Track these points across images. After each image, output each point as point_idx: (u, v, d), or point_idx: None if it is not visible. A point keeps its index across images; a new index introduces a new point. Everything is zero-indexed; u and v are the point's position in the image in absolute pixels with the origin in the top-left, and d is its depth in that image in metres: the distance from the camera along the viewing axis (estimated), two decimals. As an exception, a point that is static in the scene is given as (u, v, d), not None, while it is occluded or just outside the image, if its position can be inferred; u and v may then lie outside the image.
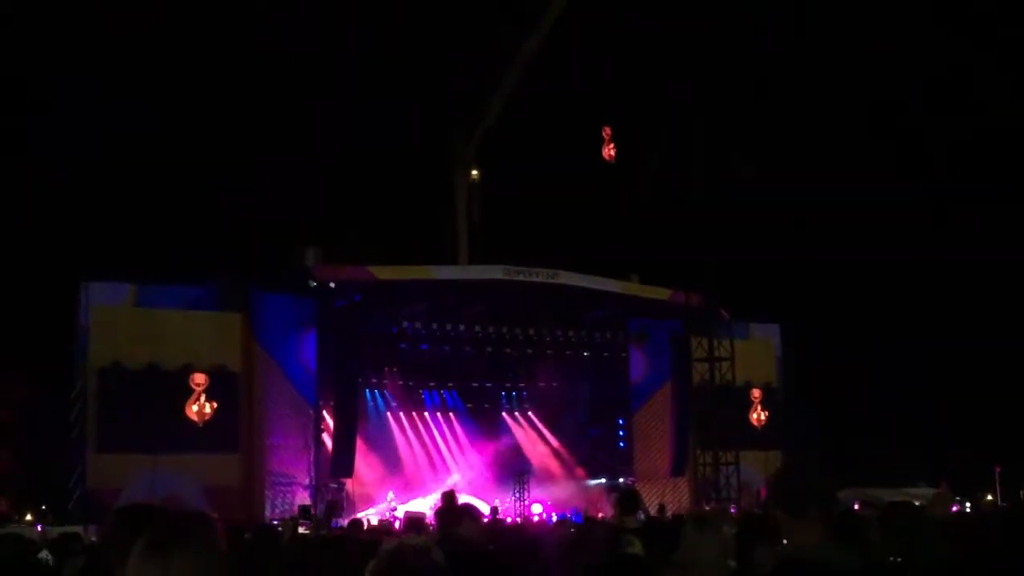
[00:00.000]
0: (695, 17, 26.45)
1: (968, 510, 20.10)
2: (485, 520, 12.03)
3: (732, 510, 25.38)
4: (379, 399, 29.93)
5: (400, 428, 30.24)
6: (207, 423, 25.03)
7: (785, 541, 3.72)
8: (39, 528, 20.18)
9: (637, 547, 6.16)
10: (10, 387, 27.60)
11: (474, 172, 30.34)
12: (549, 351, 30.24)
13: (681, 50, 26.92)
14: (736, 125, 28.47)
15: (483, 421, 31.61)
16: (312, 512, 24.10)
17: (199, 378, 25.06)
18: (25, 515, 24.80)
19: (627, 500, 8.73)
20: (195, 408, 24.92)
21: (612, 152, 27.37)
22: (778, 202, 30.78)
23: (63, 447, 24.20)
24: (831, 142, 31.53)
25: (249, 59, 26.71)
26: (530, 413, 32.44)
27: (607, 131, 27.14)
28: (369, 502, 27.61)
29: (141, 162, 27.12)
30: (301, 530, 18.54)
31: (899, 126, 31.43)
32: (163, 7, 26.02)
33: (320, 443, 26.34)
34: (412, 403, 30.71)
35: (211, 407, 25.03)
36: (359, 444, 26.99)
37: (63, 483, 23.63)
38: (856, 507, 19.73)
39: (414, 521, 9.70)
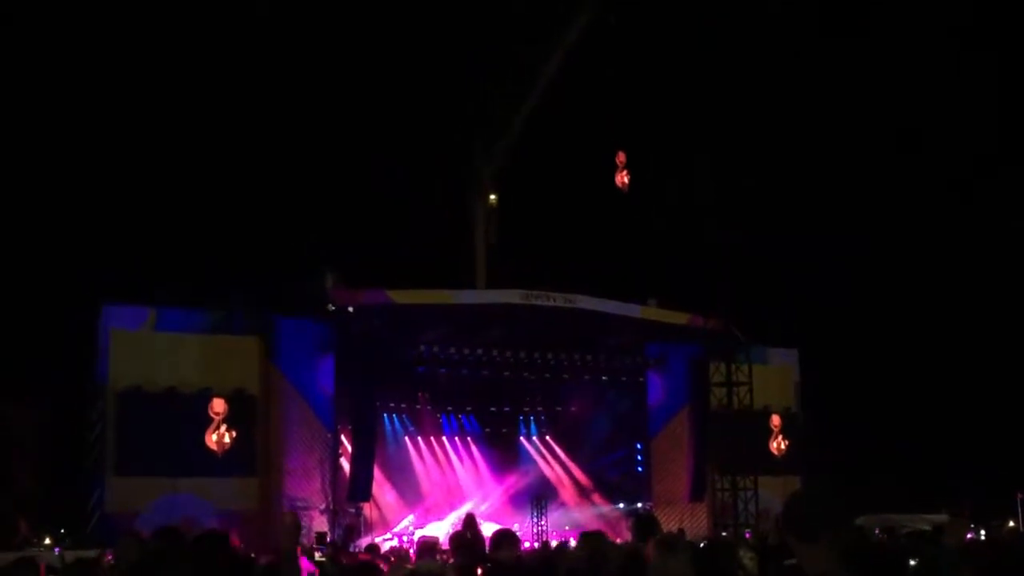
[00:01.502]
0: (716, 40, 26.55)
1: (983, 537, 19.89)
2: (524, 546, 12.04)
3: (747, 535, 25.27)
4: (397, 423, 29.98)
5: (418, 452, 30.26)
6: (228, 448, 25.10)
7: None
8: (57, 551, 20.22)
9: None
10: (30, 411, 27.71)
11: (492, 196, 30.42)
12: (567, 375, 30.17)
13: (701, 72, 26.97)
14: (755, 148, 28.50)
15: (501, 446, 31.61)
16: (328, 538, 24.10)
17: (218, 406, 25.11)
18: (44, 538, 24.85)
19: (644, 525, 8.64)
20: (215, 437, 24.97)
21: (626, 179, 27.27)
22: (797, 226, 30.76)
23: (82, 470, 24.29)
24: (854, 164, 31.49)
25: (269, 82, 26.92)
26: (548, 438, 32.42)
27: (621, 157, 27.08)
28: (387, 527, 27.59)
29: (160, 185, 27.30)
30: (317, 556, 18.49)
31: (921, 150, 31.32)
32: (179, 25, 26.25)
33: (338, 467, 26.35)
34: (430, 427, 30.74)
35: (230, 436, 25.08)
36: (377, 469, 26.99)
37: (82, 506, 23.70)
38: (877, 533, 19.62)
39: (427, 545, 9.66)
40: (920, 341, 32.74)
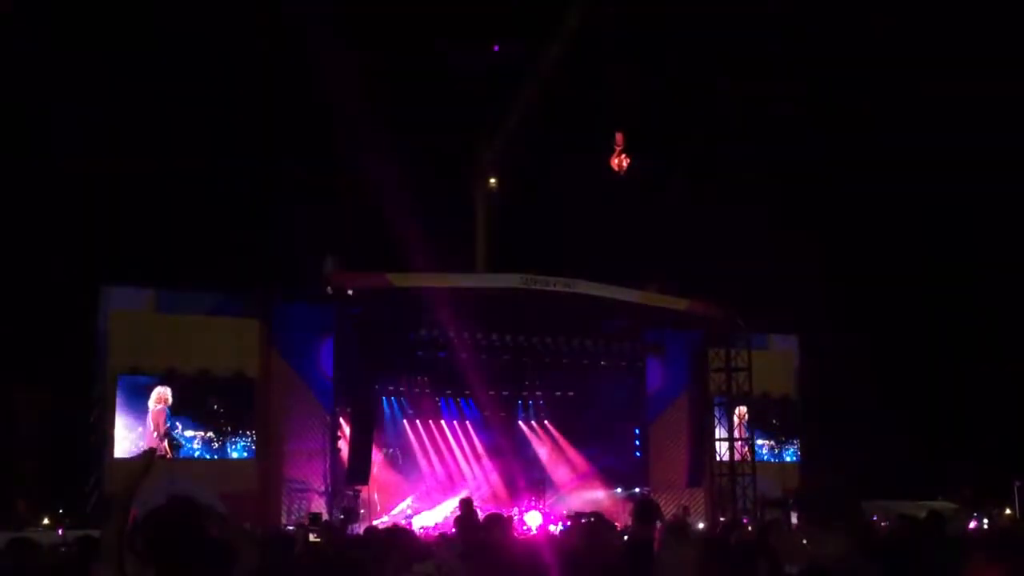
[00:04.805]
0: (717, 25, 26.51)
1: (986, 526, 19.97)
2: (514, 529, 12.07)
3: (744, 521, 25.35)
4: (396, 406, 29.97)
5: (417, 436, 30.26)
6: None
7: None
8: (59, 531, 20.27)
9: None
10: (30, 392, 27.74)
11: (492, 180, 30.37)
12: (566, 360, 30.16)
13: (702, 57, 26.96)
14: (754, 132, 28.49)
15: (499, 430, 31.61)
16: (323, 519, 24.14)
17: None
18: (43, 519, 24.93)
19: (645, 509, 8.64)
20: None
21: (623, 162, 27.13)
22: (798, 212, 30.73)
23: (82, 451, 24.33)
24: (854, 146, 31.43)
25: (270, 66, 26.83)
26: (546, 422, 32.42)
27: (619, 139, 26.93)
28: (385, 509, 27.65)
29: (161, 166, 27.23)
30: (312, 537, 18.55)
31: (923, 135, 31.23)
32: (181, 22, 26.15)
33: (336, 450, 26.39)
34: (429, 411, 30.73)
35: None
36: (375, 452, 27.03)
37: (82, 487, 23.74)
38: (876, 519, 19.67)
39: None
40: (919, 329, 32.79)
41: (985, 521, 21.73)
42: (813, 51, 28.19)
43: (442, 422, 31.09)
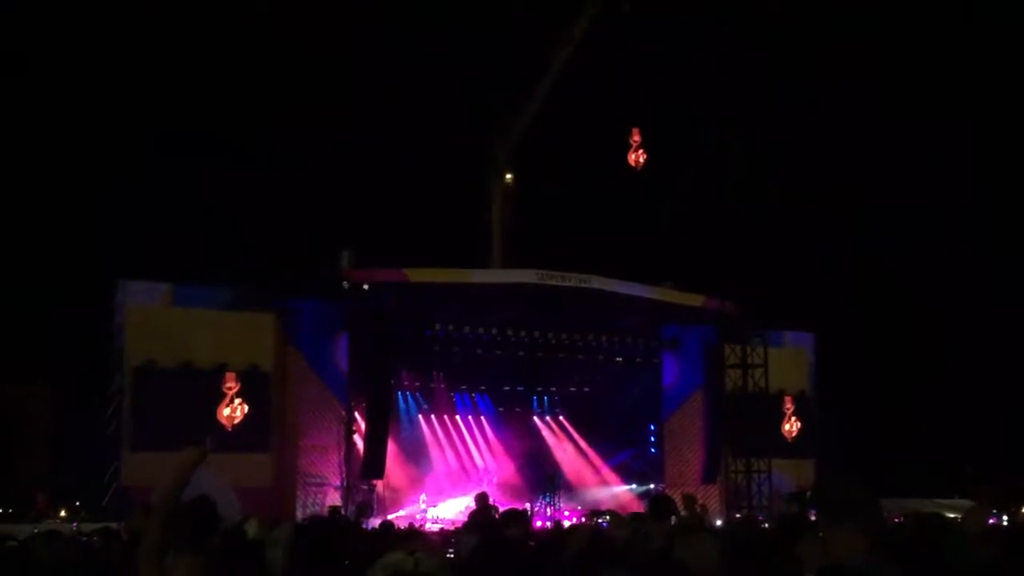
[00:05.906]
0: (730, 24, 26.44)
1: (1005, 523, 19.82)
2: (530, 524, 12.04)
3: (760, 518, 25.27)
4: (411, 401, 30.03)
5: (431, 431, 30.31)
6: (240, 423, 25.13)
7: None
8: (74, 526, 20.34)
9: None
10: (47, 386, 27.87)
11: (508, 176, 30.35)
12: (581, 356, 30.15)
13: (715, 57, 26.88)
14: (771, 131, 28.39)
15: (514, 425, 31.63)
16: (341, 513, 24.13)
17: (231, 381, 25.12)
18: (60, 512, 25.04)
19: (660, 505, 8.61)
20: (227, 412, 24.98)
21: (640, 158, 27.03)
22: (815, 210, 30.64)
23: (98, 445, 24.40)
24: (871, 143, 31.32)
25: (290, 61, 26.89)
26: (561, 418, 32.43)
27: (635, 136, 26.85)
28: (400, 504, 27.69)
29: (178, 161, 27.33)
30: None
31: (940, 130, 31.10)
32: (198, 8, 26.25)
33: (352, 444, 26.42)
34: (444, 406, 30.79)
35: (242, 411, 25.10)
36: (390, 446, 27.05)
37: (98, 480, 23.82)
38: (891, 515, 19.56)
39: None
40: (935, 326, 32.62)
41: (1004, 519, 21.59)
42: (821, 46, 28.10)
43: (457, 417, 31.14)
